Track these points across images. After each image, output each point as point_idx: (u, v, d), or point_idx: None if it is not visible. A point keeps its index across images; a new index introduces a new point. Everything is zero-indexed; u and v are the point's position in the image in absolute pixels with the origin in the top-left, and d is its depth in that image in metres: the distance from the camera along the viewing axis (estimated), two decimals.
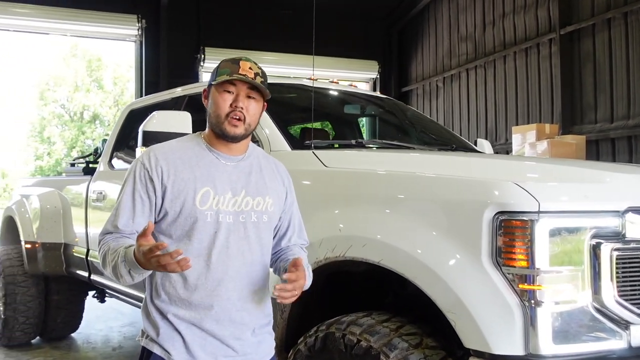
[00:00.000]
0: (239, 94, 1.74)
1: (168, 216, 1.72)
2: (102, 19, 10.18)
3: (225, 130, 1.74)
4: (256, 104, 1.78)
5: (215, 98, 1.76)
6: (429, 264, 1.84)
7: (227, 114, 1.73)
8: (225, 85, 1.74)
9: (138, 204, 1.72)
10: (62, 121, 33.98)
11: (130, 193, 1.73)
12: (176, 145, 1.81)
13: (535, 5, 9.39)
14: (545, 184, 1.82)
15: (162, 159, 1.74)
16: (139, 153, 2.68)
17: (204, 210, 1.71)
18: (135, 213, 1.72)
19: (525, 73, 9.64)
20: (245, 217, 1.77)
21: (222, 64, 1.79)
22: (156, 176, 1.71)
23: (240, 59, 1.77)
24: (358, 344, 1.98)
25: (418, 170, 2.11)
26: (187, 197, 1.70)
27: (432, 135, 3.58)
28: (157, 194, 1.72)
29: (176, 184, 1.71)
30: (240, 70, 1.73)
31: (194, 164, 1.75)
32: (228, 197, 1.74)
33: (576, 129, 8.49)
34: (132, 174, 1.75)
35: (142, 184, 1.72)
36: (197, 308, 1.72)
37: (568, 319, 1.69)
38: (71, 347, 5.12)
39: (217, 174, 1.75)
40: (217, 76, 1.76)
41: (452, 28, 11.47)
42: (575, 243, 1.71)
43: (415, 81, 12.65)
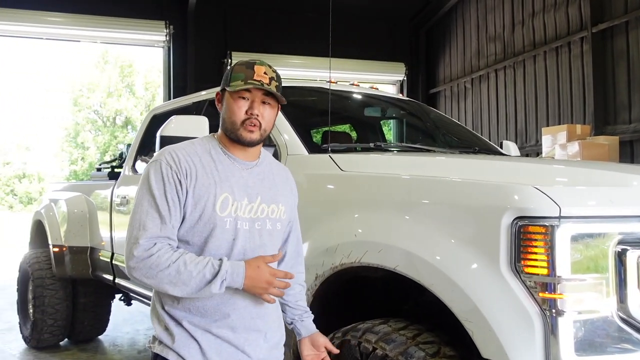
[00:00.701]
0: (254, 101, 1.71)
1: (186, 222, 1.67)
2: (131, 26, 10.35)
3: (241, 137, 1.71)
4: (271, 110, 1.76)
5: (230, 104, 1.73)
6: (445, 270, 1.78)
7: (242, 121, 1.71)
8: (241, 92, 1.71)
9: (172, 206, 1.64)
10: (95, 126, 34.77)
11: (161, 195, 1.64)
12: (192, 147, 1.75)
13: (566, 3, 9.17)
14: (567, 187, 1.74)
15: (184, 160, 1.68)
16: None
17: (223, 217, 1.68)
18: (170, 216, 1.64)
19: (555, 73, 9.41)
20: (261, 224, 1.75)
21: (235, 67, 1.75)
22: (183, 178, 1.66)
23: (254, 62, 1.73)
24: (374, 352, 1.93)
25: (435, 174, 2.05)
26: (207, 202, 1.66)
27: (454, 138, 3.50)
28: (183, 196, 1.66)
29: (197, 189, 1.67)
30: (255, 75, 1.70)
31: (213, 168, 1.71)
32: (244, 203, 1.71)
33: (609, 130, 8.24)
34: (160, 176, 1.66)
35: (171, 185, 1.65)
36: (213, 316, 1.69)
37: (591, 329, 1.61)
38: (98, 349, 5.18)
39: (234, 180, 1.72)
40: (231, 81, 1.72)
41: (481, 28, 11.29)
42: (599, 250, 1.63)
43: (443, 82, 12.50)
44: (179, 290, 1.60)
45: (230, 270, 1.60)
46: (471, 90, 11.62)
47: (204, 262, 1.61)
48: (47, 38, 10.37)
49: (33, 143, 36.99)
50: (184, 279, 1.58)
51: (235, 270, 1.61)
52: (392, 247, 1.96)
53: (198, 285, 1.59)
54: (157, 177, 1.66)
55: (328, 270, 2.21)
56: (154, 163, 1.70)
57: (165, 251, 1.60)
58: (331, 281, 2.29)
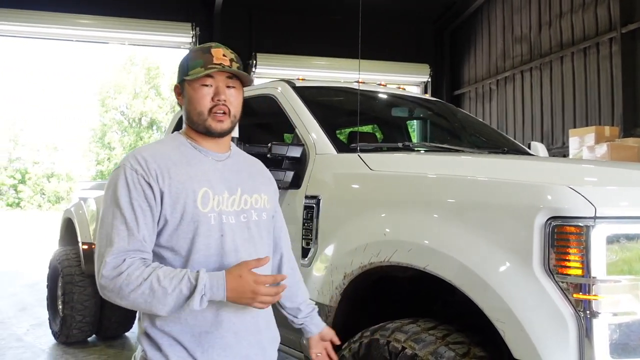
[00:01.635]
0: (218, 86, 1.59)
1: (168, 225, 1.53)
2: (158, 28, 10.50)
3: (210, 127, 1.59)
4: (237, 93, 1.63)
5: (193, 95, 1.59)
6: (476, 270, 1.77)
7: (209, 109, 1.58)
8: (202, 79, 1.58)
9: (140, 216, 1.49)
10: (121, 127, 35.31)
11: (127, 204, 1.49)
12: (161, 146, 1.63)
13: (595, 3, 9.02)
14: (602, 187, 1.72)
15: (152, 161, 1.54)
16: None
17: (206, 213, 1.55)
18: (139, 226, 1.48)
19: (583, 74, 9.27)
20: (246, 216, 1.64)
21: (191, 55, 1.63)
22: (153, 180, 1.51)
23: (210, 46, 1.62)
24: (403, 351, 1.92)
25: (466, 174, 2.03)
26: (187, 200, 1.53)
27: (482, 138, 3.48)
28: (156, 200, 1.51)
29: (173, 187, 1.53)
30: (215, 59, 1.57)
31: (185, 164, 1.58)
32: (226, 196, 1.60)
33: (638, 132, 8.08)
34: (124, 183, 1.51)
35: (138, 192, 1.50)
36: (214, 323, 1.57)
37: (627, 331, 1.58)
38: (125, 346, 5.25)
39: (210, 173, 1.60)
40: (189, 70, 1.59)
41: (507, 29, 11.17)
42: (635, 250, 1.60)
43: (467, 84, 12.40)
44: (156, 310, 1.44)
45: (209, 283, 1.43)
46: (496, 91, 11.50)
47: (180, 275, 1.44)
48: (77, 40, 10.57)
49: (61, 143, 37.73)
50: (160, 297, 1.42)
51: (215, 283, 1.44)
52: (422, 246, 1.95)
53: (176, 302, 1.43)
54: (122, 184, 1.51)
55: (357, 269, 2.21)
56: (118, 169, 1.56)
57: (136, 267, 1.45)
58: (359, 280, 2.29)
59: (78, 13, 9.95)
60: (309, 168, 2.60)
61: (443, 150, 2.79)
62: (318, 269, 2.41)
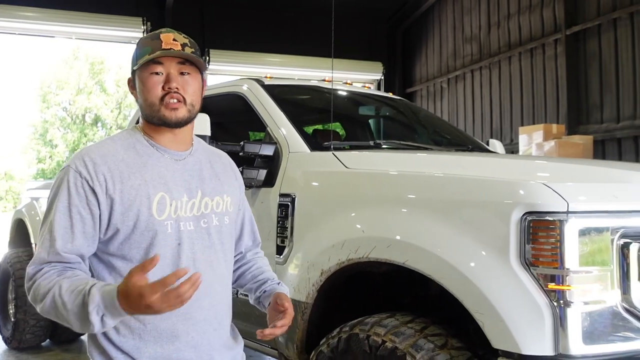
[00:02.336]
0: (169, 73, 1.45)
1: (119, 233, 1.41)
2: (107, 22, 10.19)
3: (164, 117, 1.45)
4: (193, 80, 1.49)
5: (142, 85, 1.46)
6: (456, 265, 1.83)
7: (161, 98, 1.44)
8: (151, 67, 1.45)
9: (77, 223, 1.38)
10: (64, 124, 34.05)
11: (64, 209, 1.38)
12: (113, 144, 1.49)
13: (541, 5, 9.39)
14: (573, 184, 1.82)
15: (102, 163, 1.41)
16: None
17: (163, 221, 1.43)
18: (74, 233, 1.38)
19: (530, 73, 9.64)
20: (207, 221, 1.52)
21: (140, 43, 1.51)
22: (98, 186, 1.39)
23: (160, 32, 1.50)
24: (383, 344, 1.97)
25: (443, 171, 2.10)
26: (141, 207, 1.41)
27: (447, 136, 3.58)
28: (101, 208, 1.39)
29: (125, 193, 1.40)
30: (163, 45, 1.45)
31: (140, 165, 1.45)
32: (184, 200, 1.48)
33: (582, 129, 8.48)
34: (65, 186, 1.40)
35: (79, 196, 1.39)
36: (169, 337, 1.45)
37: (597, 319, 1.68)
38: (82, 349, 5.11)
39: (168, 175, 1.48)
40: (138, 59, 1.47)
41: (457, 29, 11.47)
42: (604, 243, 1.70)
43: (419, 82, 12.65)
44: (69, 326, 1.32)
45: (103, 303, 1.26)
46: (447, 90, 11.80)
47: (79, 289, 1.28)
48: (20, 33, 10.14)
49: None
50: (62, 313, 1.30)
51: (108, 303, 1.25)
52: (401, 242, 2.00)
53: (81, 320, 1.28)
54: (63, 187, 1.40)
55: (334, 266, 2.24)
56: (62, 171, 1.44)
57: (47, 276, 1.34)
58: (335, 277, 2.32)
59: (23, 5, 9.54)
60: (282, 166, 2.61)
61: (413, 148, 2.86)
62: (294, 267, 2.43)
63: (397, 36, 13.05)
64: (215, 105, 3.37)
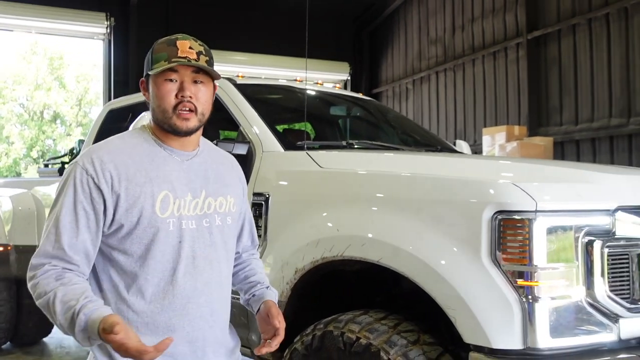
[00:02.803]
0: (183, 81, 1.49)
1: (123, 228, 1.45)
2: (70, 16, 9.97)
3: (175, 126, 1.49)
4: (206, 89, 1.53)
5: (156, 90, 1.50)
6: (429, 262, 1.88)
7: (174, 106, 1.48)
8: (166, 73, 1.48)
9: (82, 219, 1.42)
10: (21, 120, 33.02)
11: (70, 205, 1.43)
12: (121, 143, 1.53)
13: (504, 10, 9.63)
14: (541, 184, 1.89)
15: (109, 161, 1.45)
16: None
17: (165, 219, 1.47)
18: (79, 229, 1.42)
19: (493, 76, 9.88)
20: (209, 220, 1.55)
21: (156, 47, 1.53)
22: (104, 183, 1.43)
23: (176, 38, 1.52)
24: (357, 341, 2.01)
25: (415, 171, 2.15)
26: (144, 204, 1.45)
27: (416, 137, 3.64)
28: (107, 204, 1.43)
29: (130, 190, 1.45)
30: (179, 52, 1.48)
31: (146, 163, 1.49)
32: (188, 199, 1.52)
33: (542, 131, 8.75)
34: (72, 182, 1.44)
35: (85, 193, 1.43)
36: (165, 331, 1.48)
37: (563, 313, 1.76)
38: (44, 352, 5.00)
39: (173, 174, 1.52)
40: (153, 64, 1.50)
41: (422, 31, 11.66)
42: (570, 240, 1.78)
43: (385, 83, 12.80)
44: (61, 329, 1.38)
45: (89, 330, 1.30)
46: (412, 91, 11.98)
47: (70, 305, 1.33)
48: None
49: None
50: (54, 318, 1.36)
51: (91, 332, 1.30)
52: (376, 240, 2.04)
53: (70, 332, 1.34)
54: (70, 184, 1.44)
55: (308, 264, 2.27)
56: (69, 167, 1.50)
57: (46, 277, 1.39)
58: (309, 276, 2.35)
59: None
60: (255, 165, 2.62)
61: (384, 148, 2.91)
62: (268, 266, 2.44)
63: (363, 37, 13.18)
64: None
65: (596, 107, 8.14)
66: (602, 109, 8.03)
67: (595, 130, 8.07)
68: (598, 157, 8.05)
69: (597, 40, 8.07)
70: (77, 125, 32.14)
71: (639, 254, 1.85)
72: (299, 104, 3.35)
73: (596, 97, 8.13)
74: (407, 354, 1.92)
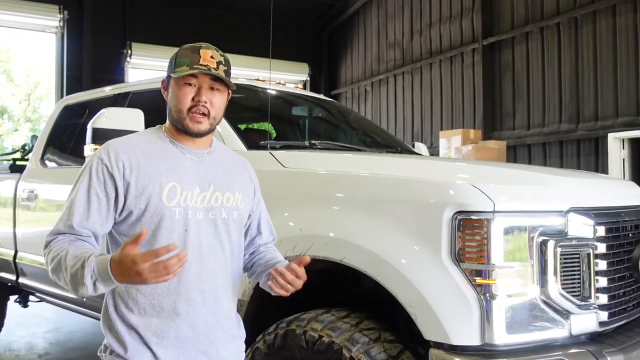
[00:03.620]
0: (201, 87, 1.63)
1: (132, 215, 1.58)
2: (21, 8, 9.63)
3: (187, 127, 1.63)
4: (220, 96, 1.67)
5: (176, 92, 1.63)
6: (391, 261, 1.92)
7: (189, 108, 1.62)
8: (186, 78, 1.62)
9: (94, 202, 1.56)
10: None
11: (85, 190, 1.57)
12: (136, 139, 1.68)
13: (460, 16, 9.87)
14: (499, 185, 1.95)
15: (123, 153, 1.60)
16: (88, 151, 2.60)
17: (171, 207, 1.58)
18: (90, 212, 1.56)
19: (449, 80, 10.10)
20: (215, 213, 1.66)
21: (180, 52, 1.67)
22: (117, 171, 1.57)
23: (200, 46, 1.66)
24: (320, 339, 2.03)
25: (378, 172, 2.19)
26: (152, 192, 1.57)
27: (377, 138, 3.69)
28: (118, 191, 1.57)
29: (140, 179, 1.58)
30: (201, 60, 1.62)
31: (158, 158, 1.63)
32: (196, 192, 1.63)
33: (496, 135, 9.00)
34: (88, 170, 1.59)
35: (99, 180, 1.57)
36: (170, 314, 1.59)
37: (519, 310, 1.83)
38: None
39: (182, 169, 1.64)
40: (175, 67, 1.63)
41: (381, 34, 11.81)
42: (525, 240, 1.85)
43: (344, 85, 12.90)
44: (68, 287, 1.48)
45: (97, 268, 1.42)
46: (371, 93, 12.11)
47: (80, 257, 1.46)
48: None
49: None
50: (64, 274, 1.47)
51: (102, 268, 1.42)
52: (339, 240, 2.07)
53: (76, 282, 1.45)
54: (86, 172, 1.60)
55: None
56: (88, 159, 1.64)
57: (60, 243, 1.52)
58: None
59: None
60: None
61: (346, 149, 2.94)
62: None
63: (323, 38, 13.24)
64: (145, 101, 3.30)
65: (547, 112, 8.44)
66: (553, 115, 8.33)
67: (546, 135, 8.36)
68: (548, 160, 8.35)
69: (549, 48, 8.37)
70: (25, 120, 31.00)
71: (589, 253, 1.94)
72: (261, 103, 3.35)
73: (547, 103, 8.43)
74: (368, 351, 1.95)
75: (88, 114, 3.62)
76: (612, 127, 7.57)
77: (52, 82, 11.07)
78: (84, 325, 5.70)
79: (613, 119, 7.60)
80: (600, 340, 1.95)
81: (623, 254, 2.10)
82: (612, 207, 2.17)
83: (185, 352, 1.61)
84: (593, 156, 7.83)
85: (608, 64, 7.62)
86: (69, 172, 3.78)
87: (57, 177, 3.87)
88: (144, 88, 3.48)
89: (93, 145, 2.54)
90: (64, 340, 5.27)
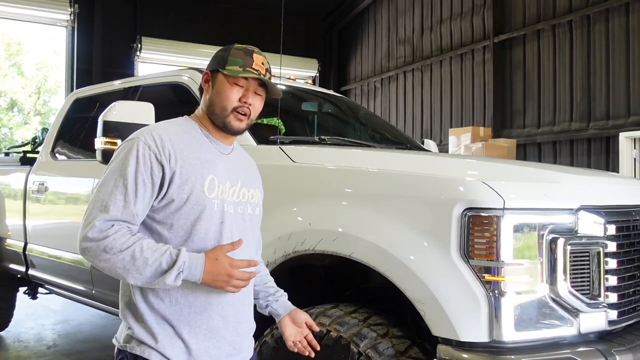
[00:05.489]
0: (248, 90, 1.66)
1: (172, 204, 1.58)
2: (32, 1, 9.67)
3: (229, 124, 1.66)
4: (261, 100, 1.72)
5: (223, 89, 1.66)
6: (400, 257, 1.91)
7: (234, 107, 1.65)
8: (237, 78, 1.65)
9: (140, 189, 1.54)
10: None
11: (132, 175, 1.53)
12: (172, 127, 1.67)
13: (471, 13, 9.81)
14: (509, 182, 1.94)
15: (167, 140, 1.59)
16: (98, 144, 2.61)
17: (212, 199, 1.61)
18: (137, 198, 1.54)
19: (460, 78, 10.06)
20: (243, 208, 1.71)
21: (233, 51, 1.69)
22: (165, 159, 1.56)
23: (253, 50, 1.69)
24: (328, 334, 2.03)
25: (389, 168, 2.19)
26: (195, 183, 1.59)
27: (386, 135, 3.69)
28: (165, 178, 1.56)
29: (184, 168, 1.58)
30: (254, 64, 1.65)
31: (196, 149, 1.64)
32: (228, 186, 1.67)
33: (506, 133, 8.96)
34: (134, 155, 1.55)
35: (146, 166, 1.55)
36: (203, 304, 1.61)
37: (528, 308, 1.82)
38: (1, 346, 4.86)
39: (216, 162, 1.67)
40: (227, 64, 1.65)
41: (391, 31, 11.77)
42: (535, 238, 1.84)
43: (354, 81, 12.87)
44: (131, 278, 1.49)
45: (189, 262, 1.50)
46: (381, 89, 12.08)
47: (162, 249, 1.50)
48: None
49: None
50: (139, 266, 1.48)
51: (193, 263, 1.50)
52: (348, 235, 2.07)
53: (153, 274, 1.48)
54: (132, 156, 1.56)
55: (280, 257, 2.28)
56: (130, 142, 1.60)
57: (123, 234, 1.50)
58: (280, 270, 2.36)
59: None
60: None
61: (356, 145, 2.94)
62: None
63: (333, 34, 13.21)
64: (153, 95, 3.31)
65: (558, 111, 8.39)
66: (564, 113, 8.27)
67: (557, 134, 8.31)
68: (559, 159, 8.30)
69: (561, 46, 8.31)
70: (35, 114, 31.21)
71: (599, 252, 1.93)
72: (271, 98, 3.34)
73: (558, 102, 8.37)
74: (376, 346, 1.95)
75: (98, 108, 3.64)
76: (624, 126, 7.51)
77: (62, 76, 11.14)
78: (93, 317, 5.75)
79: (625, 118, 7.54)
80: (609, 339, 1.94)
81: (633, 252, 2.09)
82: (623, 205, 2.15)
83: (216, 343, 1.63)
84: (604, 155, 7.77)
85: (621, 62, 7.56)
86: (79, 165, 3.80)
87: (67, 170, 3.90)
88: (155, 82, 3.50)
89: (104, 138, 2.56)
90: (73, 332, 5.31)
